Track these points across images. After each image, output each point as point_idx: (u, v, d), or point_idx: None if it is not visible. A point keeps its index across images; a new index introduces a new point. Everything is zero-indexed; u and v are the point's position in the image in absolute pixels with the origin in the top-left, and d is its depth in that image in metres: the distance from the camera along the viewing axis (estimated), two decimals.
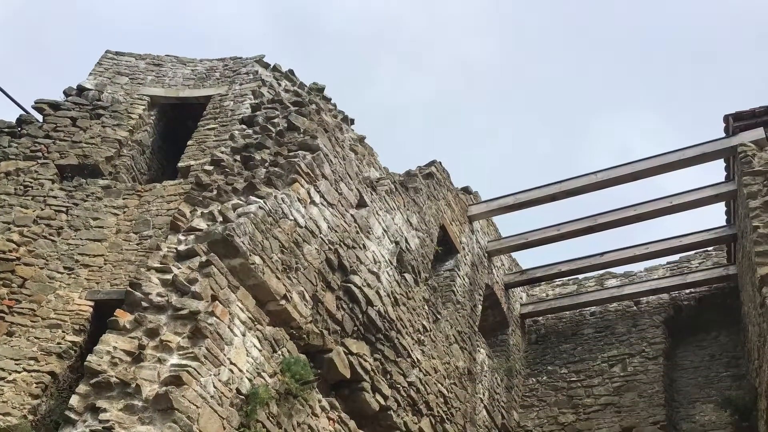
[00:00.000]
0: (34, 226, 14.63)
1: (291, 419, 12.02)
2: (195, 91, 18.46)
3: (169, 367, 10.27)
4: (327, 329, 13.35)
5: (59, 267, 14.10)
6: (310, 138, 14.13)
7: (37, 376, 12.53)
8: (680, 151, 18.65)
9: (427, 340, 16.51)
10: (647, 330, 21.10)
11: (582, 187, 19.83)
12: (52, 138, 16.52)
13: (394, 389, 14.89)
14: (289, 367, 12.07)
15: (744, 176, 16.72)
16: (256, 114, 15.15)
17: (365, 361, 14.12)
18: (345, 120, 15.93)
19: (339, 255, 13.98)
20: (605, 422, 19.77)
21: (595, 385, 20.69)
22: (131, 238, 14.53)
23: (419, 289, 16.68)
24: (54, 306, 13.53)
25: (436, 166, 19.45)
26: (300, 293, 12.71)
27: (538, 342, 22.98)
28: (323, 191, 13.96)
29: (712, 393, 19.51)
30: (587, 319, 22.45)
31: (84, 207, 15.06)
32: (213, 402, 10.38)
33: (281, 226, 12.58)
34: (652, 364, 20.30)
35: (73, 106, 17.27)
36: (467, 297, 19.62)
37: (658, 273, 22.25)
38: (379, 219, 15.80)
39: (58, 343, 13.03)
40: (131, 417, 9.82)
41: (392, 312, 15.22)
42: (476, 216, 21.20)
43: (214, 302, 10.97)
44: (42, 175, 15.62)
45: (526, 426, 20.97)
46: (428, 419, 15.92)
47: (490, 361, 20.04)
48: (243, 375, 11.11)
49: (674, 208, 19.40)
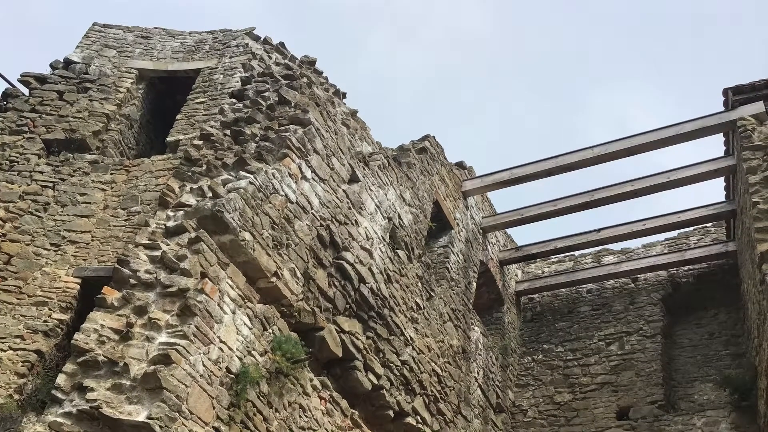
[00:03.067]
0: (20, 201, 14.58)
1: (282, 398, 11.99)
2: (184, 64, 18.38)
3: (157, 345, 10.19)
4: (319, 307, 13.25)
5: (46, 243, 14.07)
6: (302, 112, 13.99)
7: (24, 355, 12.50)
8: (678, 125, 18.46)
9: (421, 318, 16.42)
10: (645, 308, 21.01)
11: (578, 162, 19.63)
12: (39, 112, 16.45)
13: (387, 368, 14.81)
14: (280, 346, 12.03)
15: (743, 151, 16.58)
16: (247, 87, 14.99)
17: (357, 340, 14.05)
18: (337, 94, 15.79)
19: (331, 231, 13.86)
20: (602, 401, 19.68)
21: (592, 364, 20.60)
22: (119, 214, 14.50)
23: (412, 266, 16.58)
24: (40, 283, 13.51)
25: (430, 141, 19.28)
26: (291, 270, 12.60)
27: (533, 320, 22.91)
28: (315, 166, 13.81)
29: (711, 372, 19.42)
30: (584, 297, 22.36)
31: (71, 182, 15.02)
32: (202, 381, 10.30)
33: (272, 202, 12.45)
34: (649, 343, 20.21)
35: (59, 80, 17.20)
36: (461, 274, 19.49)
37: (656, 249, 22.14)
38: (372, 194, 15.67)
39: (44, 321, 13.00)
40: (119, 396, 9.74)
41: (385, 289, 15.12)
42: (471, 191, 21.03)
43: (203, 279, 10.86)
44: (28, 150, 15.56)
45: (522, 405, 20.91)
46: (422, 398, 15.85)
47: (484, 340, 19.94)
48: (233, 353, 11.04)
49: (672, 183, 19.20)
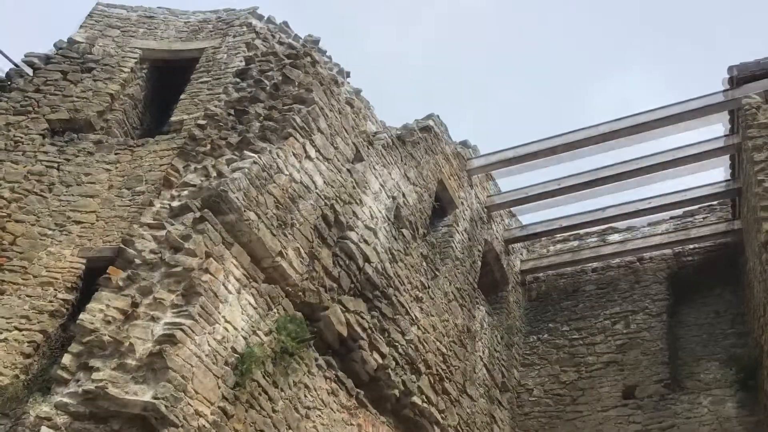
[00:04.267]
0: (24, 182, 14.57)
1: (287, 378, 12.07)
2: (188, 44, 18.37)
3: (162, 325, 10.29)
4: (323, 287, 13.30)
5: (51, 224, 14.06)
6: (305, 91, 14.03)
7: (29, 335, 12.48)
8: (683, 104, 18.46)
9: (426, 298, 16.46)
10: (650, 286, 21.01)
11: (583, 140, 19.63)
12: (43, 92, 16.42)
13: (392, 347, 14.86)
14: (285, 326, 12.14)
15: (749, 129, 16.65)
16: (250, 67, 15.03)
17: (362, 319, 14.11)
18: (341, 73, 15.85)
19: (335, 211, 13.91)
20: (608, 380, 19.69)
21: (598, 343, 20.60)
22: (124, 194, 14.51)
23: (417, 245, 16.63)
24: (45, 263, 13.48)
25: (434, 120, 19.26)
26: (295, 250, 12.65)
27: (538, 299, 22.92)
28: (319, 146, 13.85)
29: (716, 350, 19.40)
30: (589, 276, 22.35)
31: (75, 162, 15.03)
32: (208, 361, 10.41)
33: (276, 182, 12.50)
34: (655, 321, 20.22)
35: (63, 60, 17.17)
36: (466, 253, 19.50)
37: (661, 228, 22.07)
38: (376, 174, 15.69)
39: (50, 302, 12.97)
40: (124, 376, 9.83)
41: (390, 269, 15.18)
42: (475, 170, 21.02)
43: (208, 259, 10.94)
44: (32, 130, 15.55)
45: (527, 384, 20.92)
46: (427, 378, 15.87)
47: (489, 319, 19.96)
48: (238, 333, 11.13)
49: (677, 162, 19.18)
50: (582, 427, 19.21)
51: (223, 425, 10.47)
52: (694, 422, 17.82)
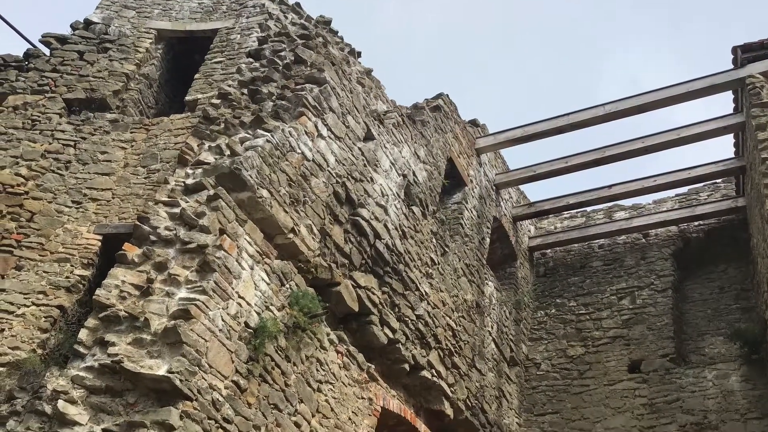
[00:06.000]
0: (42, 160, 14.59)
1: (299, 352, 12.19)
2: (202, 25, 18.38)
3: (177, 300, 10.35)
4: (335, 262, 13.40)
5: (67, 201, 14.05)
6: (317, 71, 14.11)
7: (46, 310, 12.51)
8: (688, 83, 18.56)
9: (435, 273, 16.60)
10: (656, 262, 21.13)
11: (589, 120, 19.74)
12: (60, 72, 16.47)
13: (403, 322, 14.98)
14: (298, 301, 12.22)
15: (752, 108, 16.78)
16: (263, 47, 15.10)
17: (373, 295, 14.21)
18: (352, 53, 15.92)
19: (347, 188, 14.01)
20: (614, 355, 19.84)
21: (604, 318, 20.76)
22: (139, 171, 14.49)
23: (427, 222, 16.74)
24: (62, 240, 13.49)
25: (443, 99, 19.38)
26: (308, 226, 12.76)
27: (546, 275, 23.07)
28: (331, 124, 13.95)
29: (721, 325, 19.57)
30: (596, 252, 22.50)
31: (92, 141, 15.02)
32: (221, 335, 10.49)
33: (289, 160, 12.59)
34: (661, 297, 20.35)
35: (80, 40, 17.21)
36: (475, 230, 19.64)
37: (666, 205, 22.22)
38: (387, 152, 15.80)
39: (66, 277, 12.98)
40: (140, 351, 9.90)
41: (400, 245, 15.28)
42: (484, 148, 21.16)
43: (222, 236, 11.01)
44: (50, 109, 15.57)
45: (535, 359, 21.09)
46: (437, 352, 16.01)
47: (498, 294, 20.12)
48: (251, 308, 11.22)
49: (683, 140, 19.29)
50: (589, 401, 19.36)
51: (237, 399, 10.58)
52: (698, 395, 18.00)
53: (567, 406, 19.70)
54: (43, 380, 9.88)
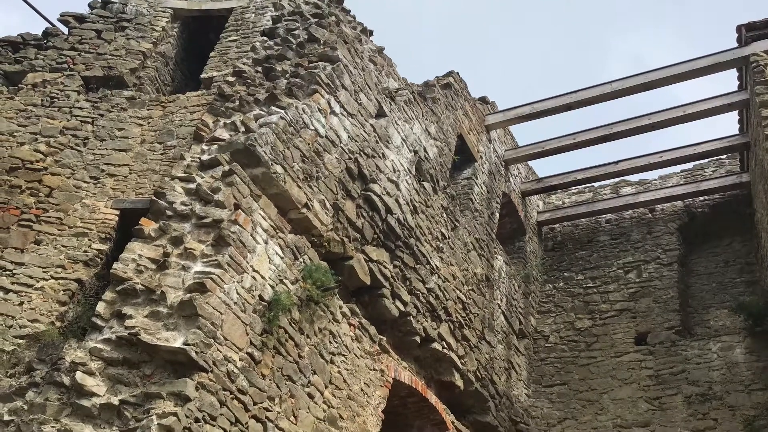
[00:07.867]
0: (60, 136, 14.71)
1: (312, 325, 12.37)
2: (217, 4, 18.41)
3: (193, 274, 10.49)
4: (347, 237, 13.57)
5: (85, 176, 14.15)
6: (330, 49, 14.28)
7: (65, 284, 12.63)
8: (693, 61, 18.75)
9: (446, 248, 16.79)
10: (662, 237, 21.34)
11: (596, 97, 19.96)
12: (78, 50, 16.62)
13: (414, 295, 15.17)
14: (311, 274, 12.36)
15: (756, 85, 16.99)
16: (277, 26, 15.28)
17: (385, 268, 14.41)
18: (364, 31, 16.02)
19: (359, 164, 14.16)
20: (621, 327, 20.03)
21: (611, 291, 20.96)
22: (155, 148, 14.56)
23: (438, 197, 16.90)
24: (80, 215, 13.60)
25: (454, 77, 19.56)
26: (321, 201, 12.92)
27: (554, 249, 23.29)
28: (343, 101, 14.11)
29: (726, 298, 19.78)
30: (603, 227, 22.69)
31: (109, 118, 15.10)
32: (236, 308, 10.64)
33: (302, 136, 12.75)
34: (666, 271, 20.55)
35: (97, 19, 17.32)
36: (485, 205, 19.85)
37: (672, 181, 22.40)
38: (398, 128, 15.96)
39: (84, 251, 13.10)
40: (156, 323, 10.07)
41: (411, 220, 15.44)
42: (493, 125, 21.37)
43: (236, 211, 11.16)
44: (68, 87, 15.68)
45: (544, 331, 21.30)
46: (447, 325, 16.22)
47: (507, 268, 20.32)
48: (265, 282, 11.36)
49: (688, 117, 19.51)
50: (596, 372, 19.57)
51: (251, 370, 10.72)
52: (703, 367, 18.20)
53: (574, 377, 19.89)
54: (62, 352, 10.04)
